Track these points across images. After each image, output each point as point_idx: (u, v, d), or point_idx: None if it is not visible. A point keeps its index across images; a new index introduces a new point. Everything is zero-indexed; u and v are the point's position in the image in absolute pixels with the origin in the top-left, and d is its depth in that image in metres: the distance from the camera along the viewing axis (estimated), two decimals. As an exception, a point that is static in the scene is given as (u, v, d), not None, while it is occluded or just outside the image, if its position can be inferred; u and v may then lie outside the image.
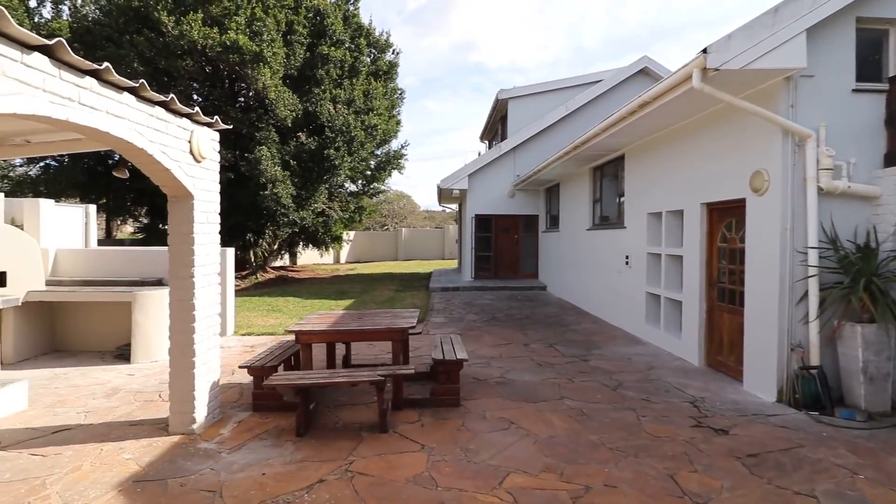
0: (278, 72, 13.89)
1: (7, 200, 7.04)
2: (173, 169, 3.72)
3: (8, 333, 6.51)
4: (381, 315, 5.24)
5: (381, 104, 17.68)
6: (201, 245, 4.15)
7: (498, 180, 15.47)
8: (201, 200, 4.15)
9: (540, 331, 8.37)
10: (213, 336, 4.37)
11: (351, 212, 19.57)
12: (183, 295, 4.07)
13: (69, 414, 4.64)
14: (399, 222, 43.72)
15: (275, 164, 14.14)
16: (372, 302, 12.14)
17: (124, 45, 13.03)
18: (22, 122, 3.70)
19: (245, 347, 7.40)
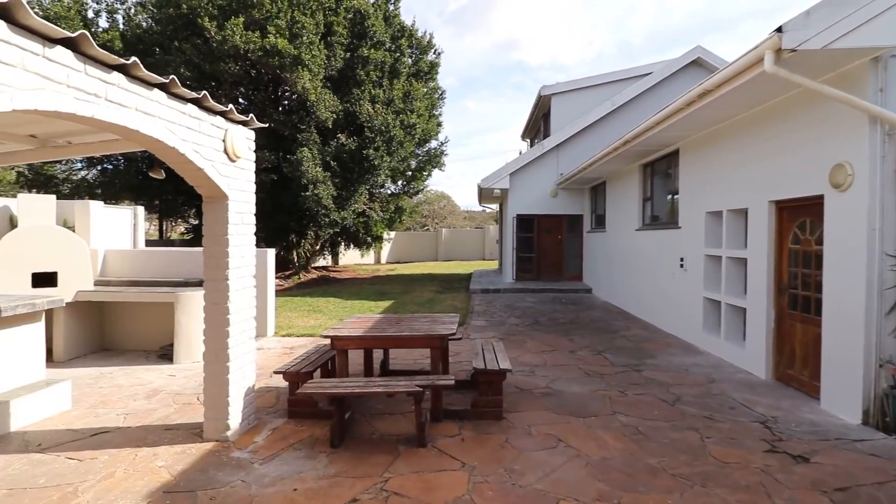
0: (318, 74, 13.96)
1: (59, 202, 7.25)
2: (206, 168, 3.60)
3: (59, 332, 6.68)
4: (419, 320, 5.01)
5: (421, 104, 17.54)
6: (236, 247, 4.03)
7: (540, 179, 15.03)
8: (236, 201, 4.03)
9: (586, 337, 7.94)
10: (247, 340, 4.25)
11: (391, 212, 19.56)
12: (217, 298, 3.96)
13: (109, 416, 4.63)
14: (439, 223, 43.67)
15: (316, 165, 14.23)
16: (412, 303, 11.98)
17: (172, 51, 13.40)
18: (63, 124, 3.67)
19: (284, 349, 7.34)
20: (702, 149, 7.25)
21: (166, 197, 16.61)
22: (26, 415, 4.35)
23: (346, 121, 15.60)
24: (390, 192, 20.23)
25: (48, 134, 3.90)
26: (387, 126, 15.31)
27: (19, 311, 4.37)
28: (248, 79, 14.88)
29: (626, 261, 10.59)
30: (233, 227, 3.99)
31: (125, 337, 7.44)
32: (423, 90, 17.60)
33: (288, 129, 14.77)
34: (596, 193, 13.92)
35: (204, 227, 3.97)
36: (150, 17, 14.83)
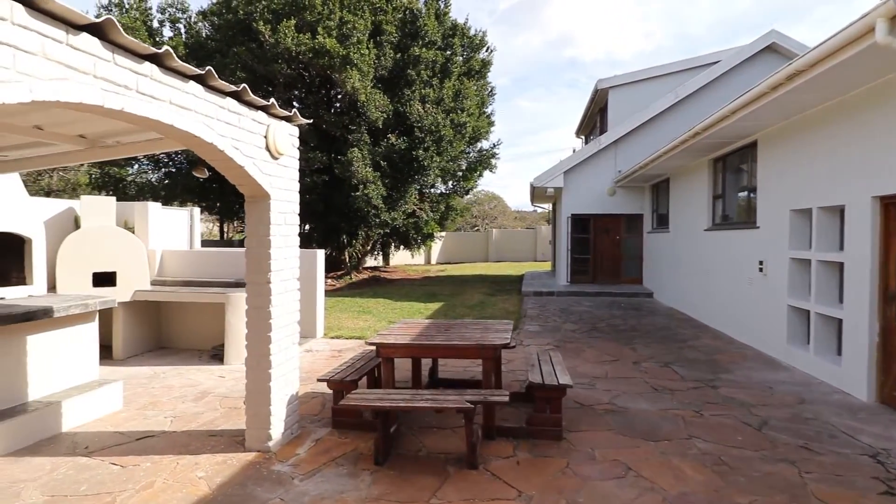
0: (368, 74, 13.92)
1: (120, 204, 7.46)
2: (247, 166, 3.42)
3: (118, 331, 6.84)
4: (470, 327, 4.66)
5: (471, 103, 17.22)
6: (278, 248, 3.84)
7: (596, 177, 14.33)
8: (278, 200, 3.84)
9: (651, 346, 7.33)
10: (291, 346, 4.06)
11: (441, 212, 19.35)
12: (259, 302, 3.78)
13: (157, 418, 4.59)
14: (489, 223, 43.20)
15: (366, 165, 14.20)
16: (461, 305, 11.66)
17: (230, 56, 13.75)
18: (110, 123, 3.60)
19: (333, 352, 7.21)
20: (785, 139, 6.49)
21: (226, 199, 17.12)
22: (78, 415, 4.35)
23: (396, 121, 15.52)
24: (440, 192, 20.04)
25: (96, 134, 3.86)
26: (437, 125, 15.10)
27: (72, 311, 4.39)
28: (300, 81, 15.08)
29: (694, 263, 9.80)
30: (275, 228, 3.80)
31: (180, 336, 7.55)
32: (473, 88, 17.27)
33: (339, 130, 14.85)
34: (658, 191, 13.08)
35: (246, 228, 3.81)
36: (210, 25, 15.32)
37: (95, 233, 6.65)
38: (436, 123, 15.04)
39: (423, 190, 18.36)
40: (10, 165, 4.30)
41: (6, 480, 3.36)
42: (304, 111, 14.82)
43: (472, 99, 17.20)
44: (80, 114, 3.33)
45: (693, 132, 7.66)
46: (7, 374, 4.01)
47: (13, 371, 4.06)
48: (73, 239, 6.46)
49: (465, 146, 17.77)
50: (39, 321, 4.15)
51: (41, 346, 4.28)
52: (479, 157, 19.18)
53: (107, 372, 6.19)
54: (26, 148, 4.11)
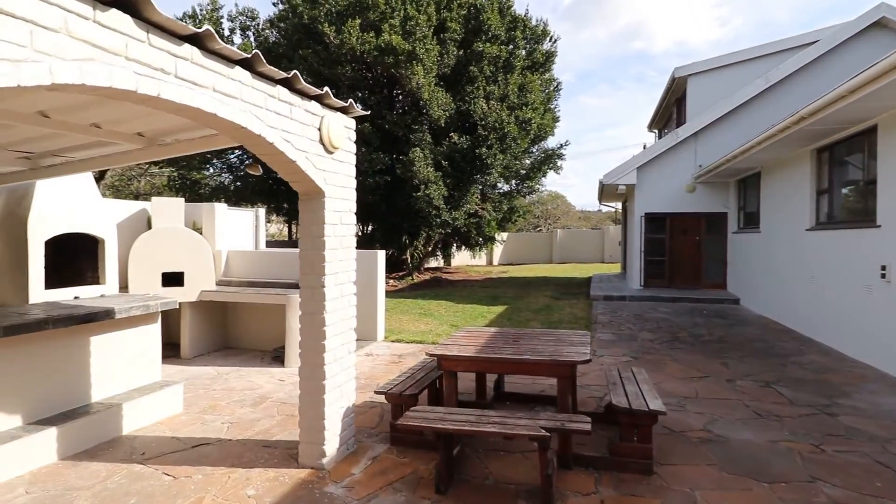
0: (431, 70, 13.68)
1: (189, 205, 7.60)
2: (299, 160, 3.15)
3: (185, 330, 6.93)
4: (541, 338, 4.18)
5: (536, 98, 16.57)
6: (333, 250, 3.55)
7: (673, 173, 13.26)
8: (333, 198, 3.55)
9: (746, 361, 6.47)
10: (347, 355, 3.77)
11: (504, 212, 18.81)
12: (312, 307, 3.51)
13: (215, 424, 4.46)
14: (552, 223, 42.04)
15: (427, 164, 13.97)
16: (526, 309, 11.11)
17: (295, 59, 13.98)
18: (165, 120, 3.46)
19: (393, 357, 6.94)
20: (919, 121, 5.47)
21: (293, 200, 17.53)
22: (138, 418, 4.30)
23: (458, 119, 15.19)
24: (502, 192, 19.50)
25: (154, 132, 3.75)
26: (500, 123, 14.61)
27: (133, 313, 4.34)
28: (364, 82, 15.10)
29: (793, 267, 8.70)
30: (330, 228, 3.51)
31: (244, 336, 7.58)
32: (538, 83, 16.59)
33: (401, 130, 14.72)
34: (746, 187, 11.87)
35: (299, 229, 3.55)
36: (277, 31, 15.70)
37: (164, 233, 6.76)
38: (499, 120, 14.56)
39: (485, 190, 17.92)
40: (77, 166, 4.32)
41: (61, 487, 3.28)
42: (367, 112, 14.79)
43: (537, 94, 16.54)
44: (134, 111, 3.19)
45: (797, 117, 6.70)
46: (70, 376, 4.00)
47: (76, 372, 4.05)
48: (143, 239, 6.60)
49: (529, 144, 17.14)
50: (102, 322, 4.12)
51: (104, 348, 4.26)
52: (544, 157, 18.45)
53: (174, 371, 6.26)
54: (90, 148, 4.10)
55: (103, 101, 2.99)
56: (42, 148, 4.02)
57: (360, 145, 13.73)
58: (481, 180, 15.76)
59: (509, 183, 19.40)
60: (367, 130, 14.12)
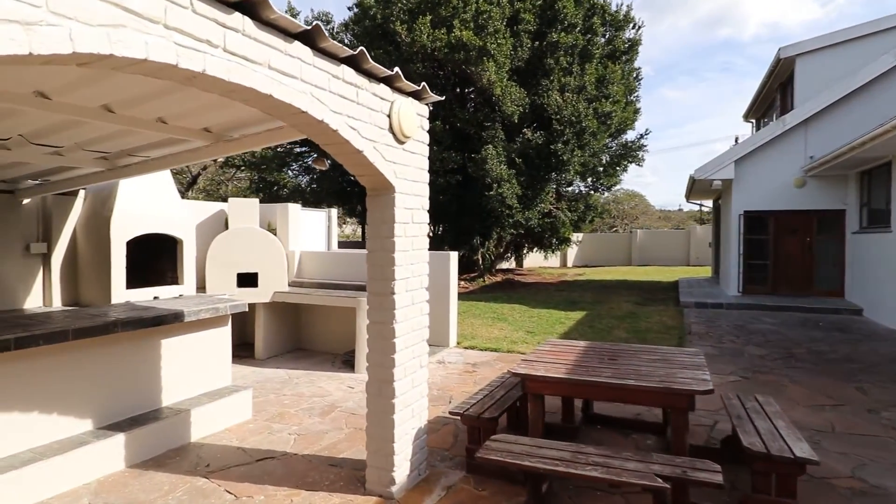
0: (504, 65, 13.13)
1: (263, 206, 7.61)
2: (366, 150, 2.77)
3: (259, 331, 6.90)
4: (642, 356, 3.55)
5: (617, 89, 15.51)
6: (403, 251, 3.16)
7: (778, 165, 11.80)
8: (404, 194, 3.16)
9: (888, 388, 5.38)
10: (418, 370, 3.37)
11: (580, 212, 17.82)
12: (380, 316, 3.13)
13: (282, 434, 4.24)
14: (629, 224, 39.95)
15: (500, 162, 13.43)
16: (608, 316, 10.27)
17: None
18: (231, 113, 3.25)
19: (466, 366, 6.50)
20: None
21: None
22: (207, 424, 4.16)
23: (532, 114, 14.52)
24: (578, 190, 18.52)
25: (220, 126, 3.56)
26: (578, 116, 13.78)
27: (202, 315, 4.22)
28: (435, 80, 14.84)
29: (939, 273, 7.28)
30: (400, 227, 3.12)
31: (316, 338, 7.47)
32: (619, 72, 15.52)
33: (473, 128, 14.30)
34: (871, 180, 10.27)
35: (367, 228, 3.20)
36: (352, 34, 15.84)
37: (239, 234, 6.77)
38: (577, 114, 13.73)
39: (560, 188, 17.07)
40: (151, 165, 4.27)
41: (124, 500, 3.14)
42: (439, 111, 14.55)
43: (618, 85, 15.47)
44: (196, 103, 2.98)
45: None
46: (139, 379, 3.92)
47: (146, 376, 3.96)
48: (219, 240, 6.63)
49: (608, 138, 16.09)
50: (171, 325, 4.02)
51: (173, 351, 4.16)
52: (624, 150, 17.29)
53: (247, 372, 6.21)
54: (161, 147, 4.01)
55: (163, 93, 2.80)
56: (116, 147, 3.97)
57: (431, 144, 13.41)
58: (556, 178, 14.98)
59: (585, 180, 18.39)
60: (438, 129, 13.83)
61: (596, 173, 17.59)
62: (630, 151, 17.13)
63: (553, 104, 13.82)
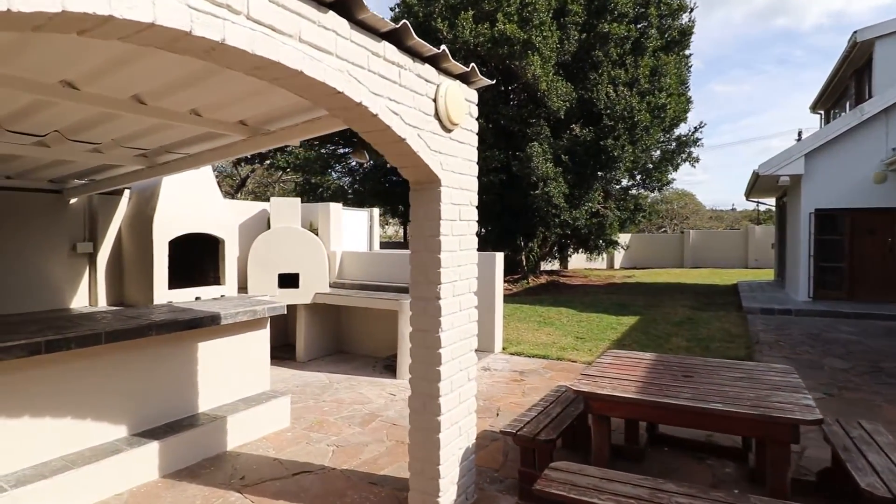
0: (550, 59, 12.62)
1: (305, 205, 7.49)
2: (409, 138, 2.47)
3: (300, 333, 6.76)
4: (722, 373, 3.09)
5: (671, 81, 14.69)
6: (450, 252, 2.84)
7: (854, 159, 10.78)
8: (451, 188, 2.84)
9: None
10: (466, 383, 3.04)
11: (629, 211, 17.00)
12: (424, 323, 2.83)
13: (320, 445, 4.01)
14: (679, 224, 38.30)
15: (546, 160, 12.93)
16: (663, 322, 9.62)
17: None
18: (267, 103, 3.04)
19: (513, 373, 6.13)
20: None
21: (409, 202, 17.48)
22: (244, 432, 3.98)
23: (580, 110, 13.94)
24: (626, 188, 17.69)
25: (256, 119, 3.36)
26: (630, 110, 13.09)
27: (240, 318, 4.04)
28: (479, 77, 14.50)
29: None
30: (446, 225, 2.80)
31: (357, 341, 7.27)
32: (673, 65, 14.69)
33: (517, 125, 13.85)
34: (967, 173, 9.18)
35: (410, 227, 2.90)
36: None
37: (280, 234, 6.65)
38: (629, 108, 13.05)
39: (608, 186, 16.35)
40: (190, 161, 4.14)
41: (154, 515, 2.96)
42: (481, 107, 14.16)
43: (672, 77, 14.65)
44: (229, 93, 2.78)
45: None
46: (175, 384, 3.77)
47: (181, 381, 3.81)
48: (260, 240, 6.53)
49: (660, 133, 15.25)
50: (208, 328, 3.85)
51: (210, 355, 4.00)
52: (678, 146, 16.37)
53: (287, 375, 6.07)
54: (199, 142, 3.86)
55: (193, 80, 2.59)
56: (154, 144, 3.85)
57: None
58: (605, 176, 14.32)
59: (635, 179, 17.54)
60: (481, 126, 13.42)
61: (647, 171, 16.74)
62: (683, 146, 16.20)
63: (603, 98, 13.20)
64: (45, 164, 4.38)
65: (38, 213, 5.09)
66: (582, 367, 6.42)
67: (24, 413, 2.95)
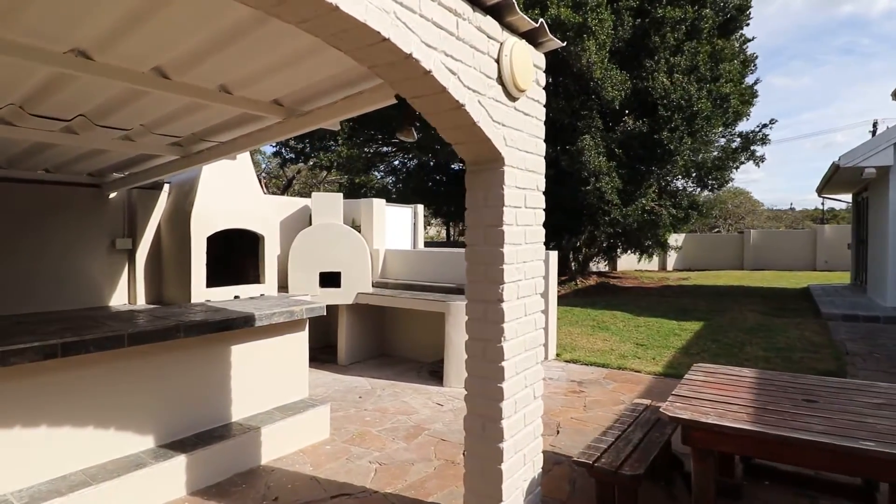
0: (605, 44, 11.89)
1: (347, 201, 7.17)
2: (468, 105, 2.02)
3: (342, 335, 6.44)
4: (857, 401, 2.47)
5: (733, 68, 13.63)
6: (514, 246, 2.37)
7: (956, 147, 9.53)
8: (516, 168, 2.37)
9: None
10: (531, 402, 2.56)
11: (684, 209, 15.89)
12: (483, 331, 2.36)
13: (361, 462, 3.61)
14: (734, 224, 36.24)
15: (599, 154, 12.20)
16: (733, 328, 8.77)
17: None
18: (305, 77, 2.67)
19: (571, 384, 5.57)
20: None
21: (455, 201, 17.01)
22: (279, 444, 3.64)
23: (634, 100, 13.11)
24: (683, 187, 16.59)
25: (291, 97, 3.01)
26: (688, 98, 12.19)
27: (276, 320, 3.70)
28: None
29: None
30: (510, 213, 2.33)
31: (401, 344, 6.89)
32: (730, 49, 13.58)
33: (567, 117, 13.16)
34: None
35: (467, 215, 2.44)
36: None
37: (321, 230, 6.35)
38: (687, 96, 12.15)
39: (664, 182, 15.37)
40: (224, 149, 3.85)
41: (176, 542, 2.63)
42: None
43: (732, 62, 13.57)
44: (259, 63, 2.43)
45: None
46: (205, 391, 3.46)
47: (211, 387, 3.50)
48: (301, 237, 6.25)
49: (721, 125, 14.14)
50: (240, 330, 3.53)
51: (243, 359, 3.68)
52: (741, 142, 15.20)
53: (328, 380, 5.75)
54: (233, 129, 3.55)
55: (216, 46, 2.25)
56: (186, 130, 3.57)
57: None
58: (662, 171, 13.41)
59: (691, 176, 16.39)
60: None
61: (705, 168, 15.59)
62: (748, 144, 15.01)
63: (659, 87, 12.35)
64: (80, 155, 4.21)
65: (77, 207, 4.96)
66: (648, 379, 5.79)
67: (41, 422, 2.69)
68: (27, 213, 4.66)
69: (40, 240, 4.74)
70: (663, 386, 5.45)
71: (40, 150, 3.93)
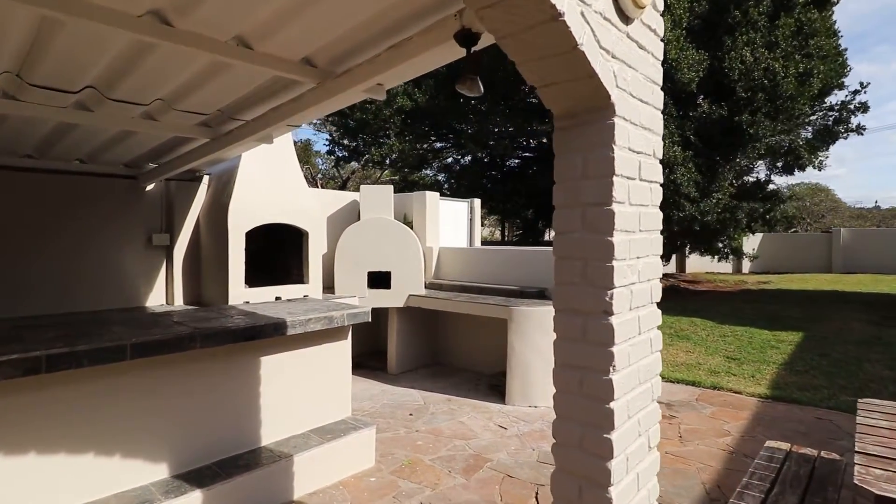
0: (681, 20, 10.75)
1: (398, 195, 6.61)
2: (568, 14, 1.31)
3: (392, 341, 5.88)
4: None
5: (826, 43, 12.08)
6: (627, 234, 1.64)
7: None
8: (628, 122, 1.63)
9: None
10: (645, 457, 1.81)
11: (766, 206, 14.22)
12: (581, 355, 1.64)
13: (411, 502, 2.98)
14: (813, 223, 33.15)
15: (673, 142, 11.06)
16: (839, 340, 7.50)
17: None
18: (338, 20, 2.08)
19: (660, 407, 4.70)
20: None
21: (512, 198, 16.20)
22: (315, 475, 3.07)
23: (709, 81, 11.84)
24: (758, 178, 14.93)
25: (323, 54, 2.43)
26: (772, 76, 10.83)
27: (312, 327, 3.13)
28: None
29: None
30: (621, 186, 1.60)
31: (456, 352, 6.24)
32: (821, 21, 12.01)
33: (636, 105, 12.08)
34: None
35: (555, 191, 1.72)
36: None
37: (370, 226, 5.82)
38: (771, 74, 10.81)
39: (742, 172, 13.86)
40: (253, 127, 3.31)
41: None
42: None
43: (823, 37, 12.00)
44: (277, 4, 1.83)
45: None
46: (230, 412, 2.93)
47: (238, 407, 2.98)
48: (349, 233, 5.74)
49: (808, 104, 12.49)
50: (270, 339, 2.98)
51: (274, 372, 3.14)
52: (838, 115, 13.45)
53: (377, 392, 5.18)
54: (260, 103, 3.02)
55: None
56: (208, 105, 3.08)
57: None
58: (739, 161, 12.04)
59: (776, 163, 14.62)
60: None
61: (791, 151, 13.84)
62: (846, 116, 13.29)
63: (736, 67, 11.04)
64: (110, 140, 3.83)
65: (112, 200, 4.65)
66: (752, 402, 4.81)
67: (28, 449, 2.23)
68: (60, 206, 4.38)
69: (73, 237, 4.46)
70: (775, 413, 4.49)
71: (63, 131, 3.58)
